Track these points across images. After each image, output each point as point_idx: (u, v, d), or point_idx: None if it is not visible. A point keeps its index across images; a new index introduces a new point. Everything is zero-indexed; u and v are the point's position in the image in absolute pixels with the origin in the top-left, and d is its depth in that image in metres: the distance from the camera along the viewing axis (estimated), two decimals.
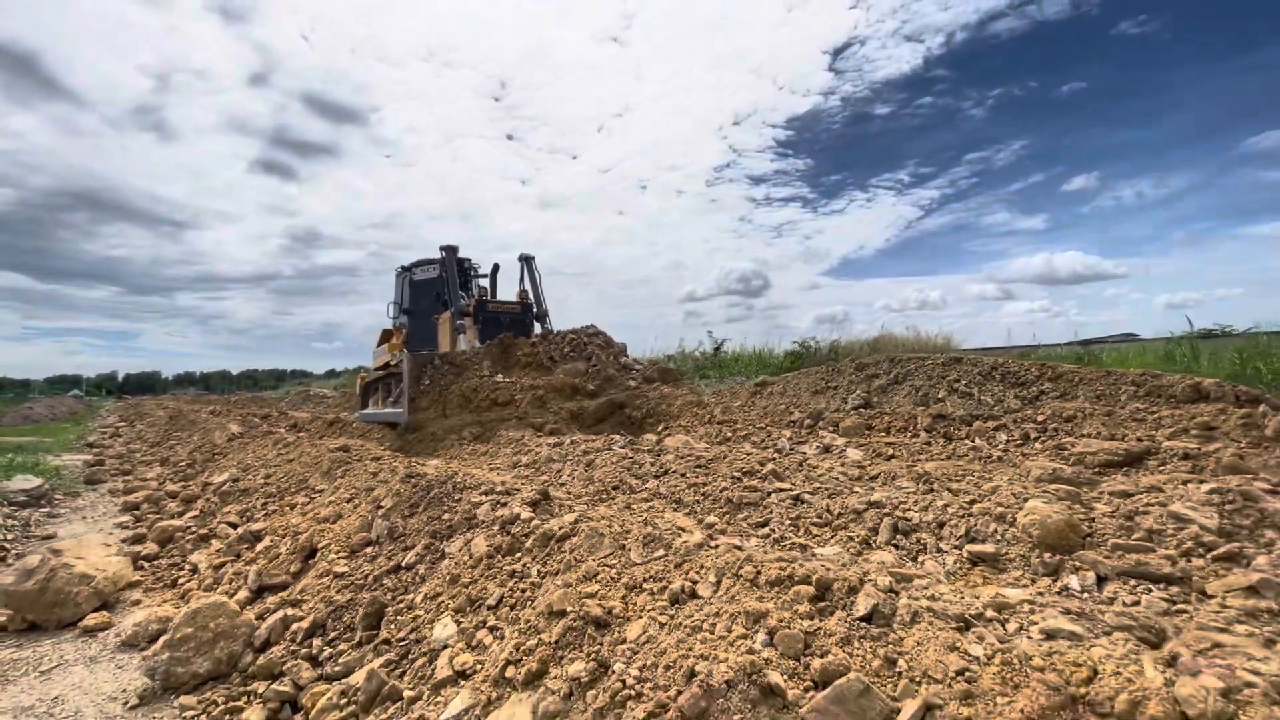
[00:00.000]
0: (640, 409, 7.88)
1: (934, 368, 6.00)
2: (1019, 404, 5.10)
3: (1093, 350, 14.95)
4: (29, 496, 7.23)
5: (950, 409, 5.15)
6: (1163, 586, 1.82)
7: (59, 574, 3.67)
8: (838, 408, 5.93)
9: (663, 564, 2.02)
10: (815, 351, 21.21)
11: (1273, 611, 1.61)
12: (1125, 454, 3.43)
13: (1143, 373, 4.99)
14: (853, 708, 1.16)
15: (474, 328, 10.49)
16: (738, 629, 1.48)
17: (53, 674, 3.00)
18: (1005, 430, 4.38)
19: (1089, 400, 4.74)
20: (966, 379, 5.63)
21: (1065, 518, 2.11)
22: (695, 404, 7.93)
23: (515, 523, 2.82)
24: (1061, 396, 4.99)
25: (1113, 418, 4.08)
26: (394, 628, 2.51)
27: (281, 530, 4.33)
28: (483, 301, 11.32)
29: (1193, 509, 2.08)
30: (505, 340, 9.54)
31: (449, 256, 11.30)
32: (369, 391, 11.09)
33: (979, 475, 2.98)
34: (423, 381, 8.50)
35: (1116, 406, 4.32)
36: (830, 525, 2.65)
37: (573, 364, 9.06)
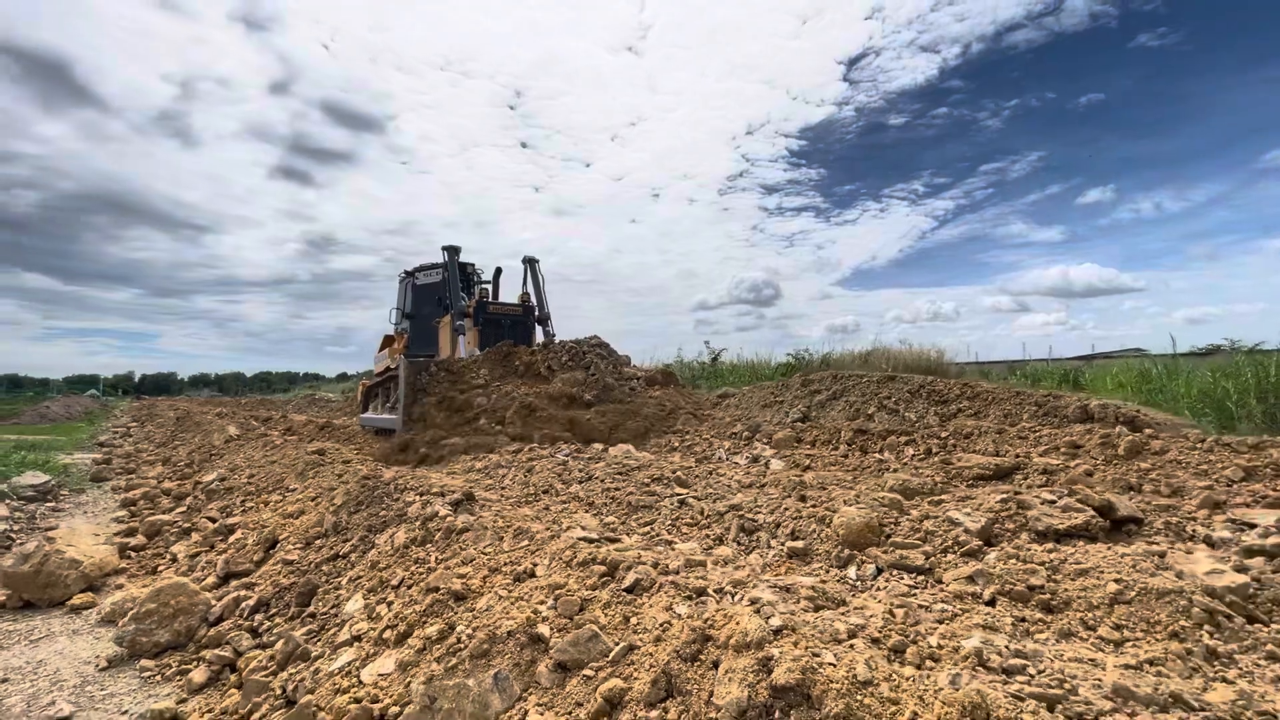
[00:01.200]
0: (637, 419, 7.83)
1: (869, 385, 6.40)
2: (937, 420, 5.49)
3: (1080, 368, 15.12)
4: (36, 492, 7.79)
5: (875, 424, 5.55)
6: (914, 575, 2.23)
7: (52, 559, 4.17)
8: (779, 420, 6.34)
9: (523, 551, 2.47)
10: (808, 363, 21.49)
11: (975, 595, 2.01)
12: (996, 469, 3.82)
13: (1047, 394, 5.37)
14: (584, 648, 1.60)
15: (474, 330, 10.35)
16: (539, 596, 1.92)
17: (40, 643, 3.48)
18: (914, 445, 4.77)
19: (996, 418, 5.12)
20: (896, 396, 6.03)
21: (866, 521, 2.53)
22: (693, 414, 8.03)
23: (433, 519, 3.27)
24: (975, 414, 5.37)
25: (1003, 435, 4.47)
26: (320, 604, 2.97)
27: (252, 524, 4.81)
28: (483, 303, 11.01)
29: (966, 515, 2.49)
30: (504, 348, 9.47)
31: (451, 257, 11.03)
32: (370, 396, 11.31)
33: (846, 485, 3.40)
34: (418, 388, 8.47)
35: (1011, 425, 4.70)
36: (698, 525, 3.08)
37: (570, 373, 9.02)
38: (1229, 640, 1.63)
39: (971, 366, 18.97)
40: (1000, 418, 5.20)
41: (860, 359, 21.65)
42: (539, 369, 9.16)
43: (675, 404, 8.52)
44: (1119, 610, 1.77)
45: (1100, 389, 12.02)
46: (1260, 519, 2.33)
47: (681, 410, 8.14)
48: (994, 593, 1.97)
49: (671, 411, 8.00)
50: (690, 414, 7.97)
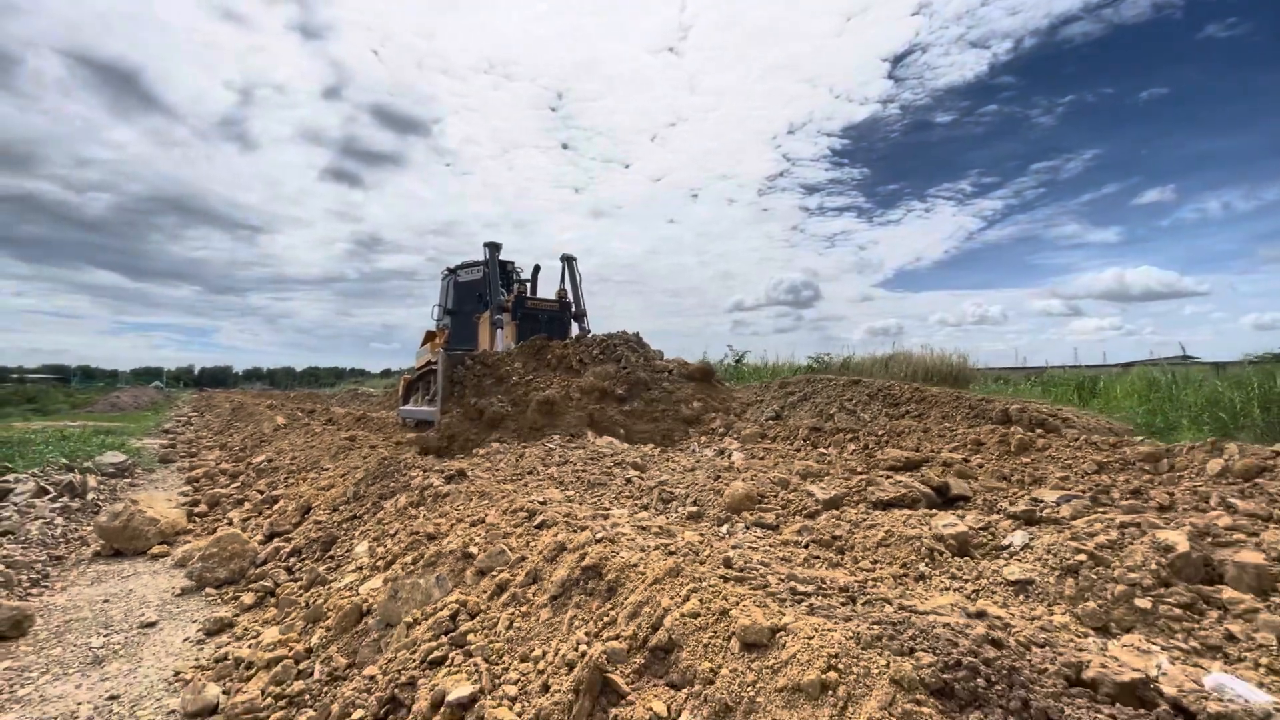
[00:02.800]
0: (667, 415, 7.85)
1: (835, 388, 7.01)
2: (887, 420, 6.10)
3: (1116, 373, 15.15)
4: (116, 469, 9.04)
5: (832, 423, 6.20)
6: (764, 530, 2.94)
7: (135, 517, 5.20)
8: (755, 418, 7.02)
9: (482, 509, 3.29)
10: (827, 366, 21.83)
11: (797, 542, 2.71)
12: (908, 461, 4.47)
13: (981, 398, 5.92)
14: (494, 559, 2.39)
15: (512, 325, 10.57)
16: (478, 532, 2.72)
17: (130, 579, 4.47)
18: (856, 440, 5.41)
19: (935, 419, 5.71)
20: (856, 398, 6.64)
21: (746, 493, 3.25)
22: (721, 410, 7.99)
23: (428, 488, 4.13)
24: (919, 415, 5.96)
25: (928, 434, 5.07)
26: (338, 550, 3.86)
27: (292, 496, 5.78)
28: (521, 298, 11.22)
29: (820, 489, 3.18)
30: (537, 342, 9.61)
31: (492, 254, 11.16)
32: (411, 390, 11.61)
33: (767, 468, 4.12)
34: (455, 381, 8.64)
35: (937, 424, 5.30)
36: (634, 497, 3.84)
37: (602, 366, 9.04)
38: (936, 567, 2.31)
39: (992, 371, 19.03)
40: (938, 418, 5.79)
41: (881, 363, 21.85)
42: (570, 362, 9.24)
43: (706, 403, 8.31)
44: (880, 550, 2.46)
45: (1112, 398, 12.24)
46: (1048, 497, 2.96)
47: (713, 409, 7.95)
48: (809, 540, 2.67)
49: (700, 414, 7.79)
50: (720, 412, 7.80)
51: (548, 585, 2.07)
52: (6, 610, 3.43)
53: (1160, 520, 2.52)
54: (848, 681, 1.19)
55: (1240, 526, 2.41)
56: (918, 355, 22.11)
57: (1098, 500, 3.05)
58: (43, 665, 3.08)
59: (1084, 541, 2.26)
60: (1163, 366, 15.01)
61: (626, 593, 1.83)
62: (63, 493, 7.01)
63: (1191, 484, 3.27)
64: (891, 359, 21.78)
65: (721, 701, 1.30)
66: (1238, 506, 2.74)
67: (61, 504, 6.60)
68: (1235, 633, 1.71)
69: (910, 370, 19.77)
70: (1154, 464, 3.62)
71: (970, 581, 2.19)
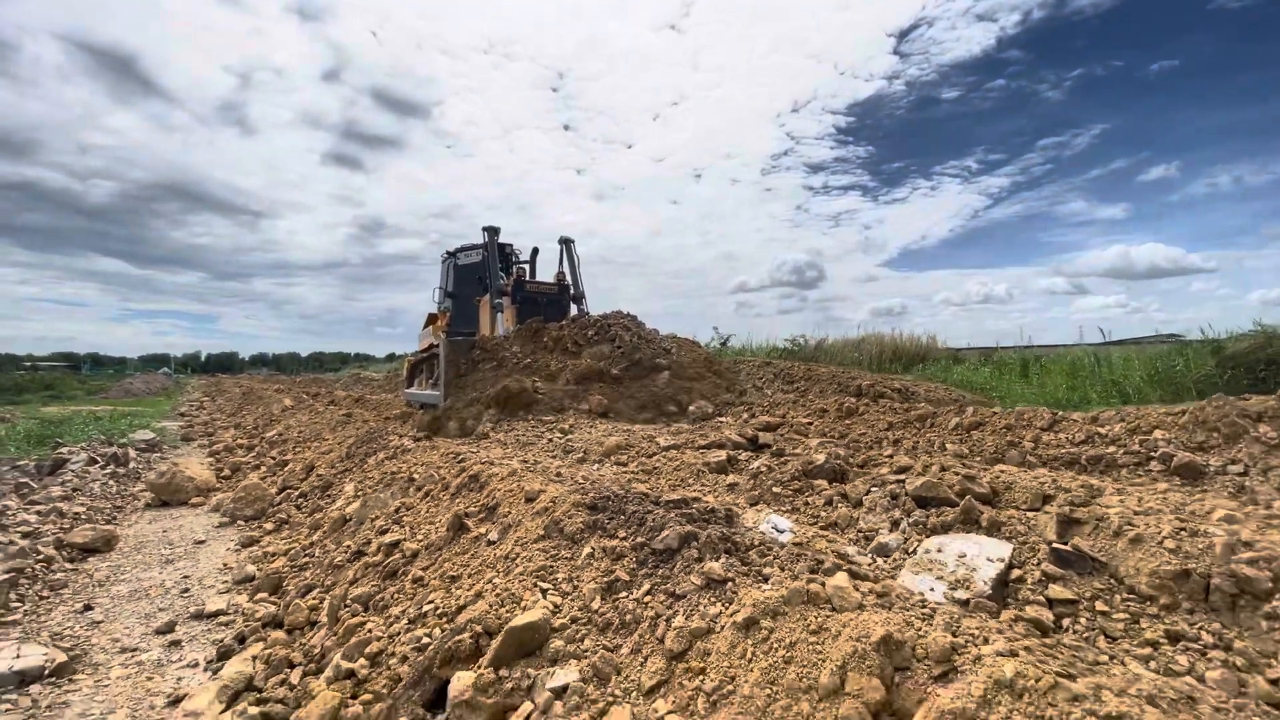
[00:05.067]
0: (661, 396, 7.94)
1: (751, 368, 8.39)
2: (781, 394, 7.48)
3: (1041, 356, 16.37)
4: (147, 445, 10.51)
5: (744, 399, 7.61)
6: (620, 466, 4.33)
7: (178, 476, 6.64)
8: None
9: (433, 457, 4.70)
10: (802, 348, 23.05)
11: (632, 471, 4.10)
12: (767, 425, 5.86)
13: (849, 375, 7.28)
14: (430, 480, 3.80)
15: (511, 308, 10.67)
16: (420, 467, 4.12)
17: (179, 519, 5.91)
18: (748, 410, 6.80)
19: (815, 394, 7.09)
20: (764, 377, 8.01)
21: (616, 443, 4.64)
22: (715, 391, 8.13)
23: (401, 448, 5.54)
24: (804, 391, 7.33)
25: (796, 405, 6.43)
26: (333, 490, 5.28)
27: (299, 459, 7.22)
28: (520, 282, 11.34)
29: (665, 439, 4.57)
30: (534, 325, 9.73)
31: (490, 238, 11.30)
32: (414, 373, 11.51)
33: (651, 433, 5.51)
34: (459, 366, 8.73)
35: (816, 399, 6.67)
36: (551, 452, 5.24)
37: (598, 347, 9.03)
38: (698, 479, 3.70)
39: (974, 350, 20.15)
40: (817, 393, 7.16)
41: (853, 345, 23.03)
42: (567, 344, 9.25)
43: (698, 384, 8.27)
44: (674, 472, 3.86)
45: (1047, 376, 13.49)
46: (812, 443, 4.34)
47: (705, 392, 7.95)
48: (636, 467, 4.07)
49: (692, 395, 7.78)
50: (712, 394, 7.88)
51: (450, 488, 3.47)
52: (101, 531, 4.87)
53: (881, 454, 3.90)
54: (558, 505, 2.58)
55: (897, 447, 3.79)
56: (888, 338, 23.28)
57: (852, 445, 4.44)
58: (131, 565, 4.52)
59: (781, 460, 3.65)
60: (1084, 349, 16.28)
61: (489, 488, 3.22)
62: (109, 462, 8.47)
63: (932, 434, 4.65)
64: (863, 341, 22.97)
65: (507, 523, 2.70)
66: (912, 444, 4.12)
67: (110, 470, 8.06)
68: (814, 502, 3.09)
69: (879, 351, 21.04)
70: (922, 421, 4.99)
71: (709, 485, 3.58)
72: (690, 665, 1.66)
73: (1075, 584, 2.15)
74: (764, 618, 1.65)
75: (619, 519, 2.44)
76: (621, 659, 1.79)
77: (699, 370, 8.84)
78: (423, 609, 2.43)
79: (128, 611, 3.63)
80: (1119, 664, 1.80)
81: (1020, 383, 13.49)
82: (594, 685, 1.73)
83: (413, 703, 1.99)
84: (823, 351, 22.17)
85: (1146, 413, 3.95)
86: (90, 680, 2.81)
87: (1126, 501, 2.52)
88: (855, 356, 20.68)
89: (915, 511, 2.78)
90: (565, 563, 2.29)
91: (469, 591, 2.37)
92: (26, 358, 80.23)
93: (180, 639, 3.23)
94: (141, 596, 3.89)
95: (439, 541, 2.93)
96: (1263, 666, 1.74)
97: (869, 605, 1.70)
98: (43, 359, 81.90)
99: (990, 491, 2.88)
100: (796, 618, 1.63)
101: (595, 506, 2.54)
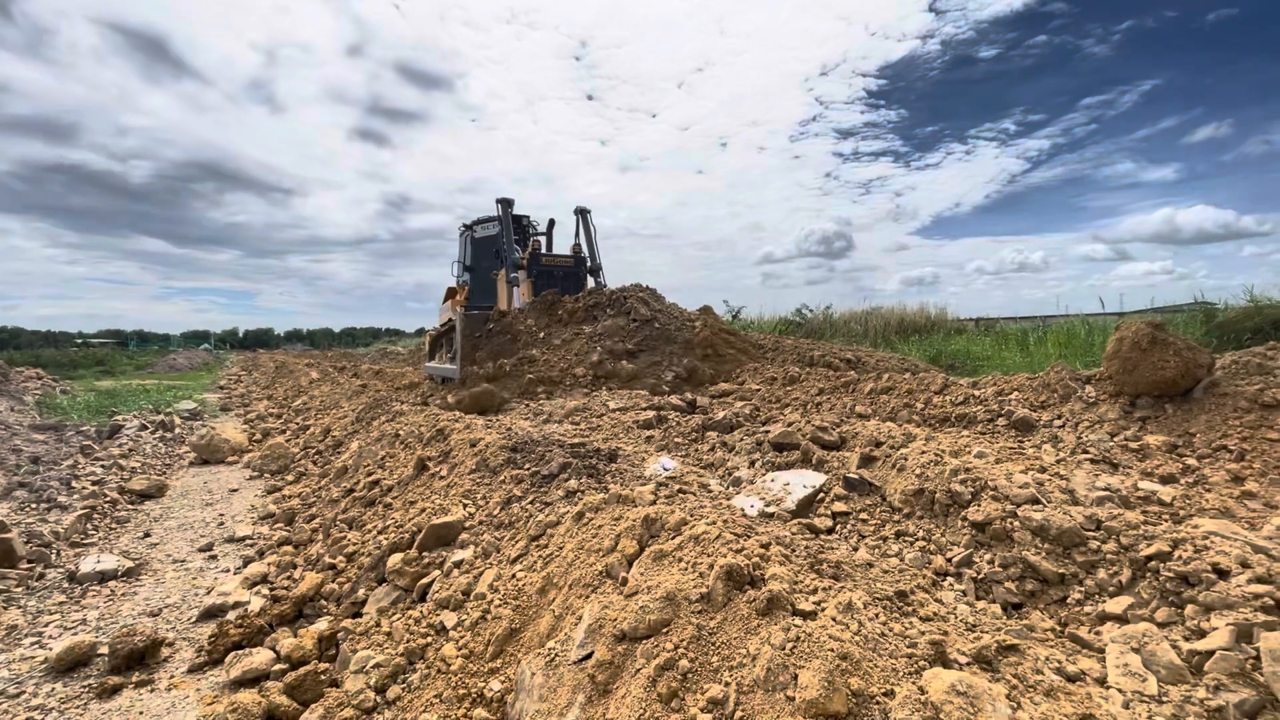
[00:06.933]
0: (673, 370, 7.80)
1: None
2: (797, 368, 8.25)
3: (1040, 327, 16.67)
4: (189, 414, 11.69)
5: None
6: (580, 425, 5.14)
7: (216, 438, 7.68)
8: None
9: (423, 420, 5.57)
10: (808, 321, 23.45)
11: (579, 426, 4.90)
12: (723, 391, 6.60)
13: (810, 345, 7.94)
14: (409, 433, 4.66)
15: (528, 281, 10.63)
16: (406, 426, 4.99)
17: (217, 474, 6.94)
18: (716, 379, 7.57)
19: (778, 363, 7.81)
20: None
21: (575, 406, 5.47)
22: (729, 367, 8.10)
23: (400, 412, 6.45)
24: (769, 361, 8.07)
25: (754, 372, 7.13)
26: (342, 448, 6.22)
27: (319, 424, 8.21)
28: (536, 255, 11.25)
29: (617, 403, 5.36)
30: (549, 297, 9.69)
31: (505, 210, 11.13)
32: (436, 346, 11.61)
33: (606, 399, 6.32)
34: (476, 339, 8.79)
35: (775, 367, 7.41)
36: (524, 415, 6.10)
37: (612, 320, 8.93)
38: (627, 433, 4.49)
39: (983, 323, 20.44)
40: (779, 362, 7.85)
41: (860, 317, 23.38)
42: (580, 317, 9.25)
43: (716, 361, 8.13)
44: (612, 428, 4.65)
45: (1043, 347, 13.89)
46: (738, 405, 5.07)
47: (722, 370, 7.79)
48: (585, 425, 4.89)
49: (705, 371, 7.64)
50: (728, 370, 7.74)
51: (423, 440, 4.34)
52: (154, 481, 5.89)
53: (778, 413, 4.63)
54: (489, 448, 3.40)
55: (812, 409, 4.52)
56: (897, 310, 23.52)
57: (770, 406, 5.17)
58: (179, 507, 5.52)
59: (692, 417, 4.42)
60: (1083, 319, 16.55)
61: (449, 438, 4.06)
62: (158, 429, 9.62)
63: (849, 398, 5.36)
64: (870, 313, 23.29)
65: (454, 462, 3.53)
66: (834, 404, 4.84)
67: (159, 435, 9.19)
68: (702, 449, 3.85)
69: (884, 323, 21.45)
70: (846, 387, 5.68)
71: (634, 438, 4.37)
72: (540, 542, 2.46)
73: (853, 501, 2.89)
74: (589, 512, 2.44)
75: (530, 456, 3.25)
76: (502, 543, 2.61)
77: (719, 344, 8.64)
78: (386, 524, 3.29)
79: (177, 538, 4.60)
80: (850, 547, 2.56)
81: (1018, 353, 13.95)
82: (481, 559, 2.56)
83: (369, 579, 2.84)
84: (829, 324, 22.56)
85: (1014, 378, 4.59)
86: (151, 580, 3.76)
87: (927, 445, 3.23)
88: (860, 329, 21.11)
89: (770, 454, 3.52)
90: (485, 486, 3.12)
91: (418, 509, 3.22)
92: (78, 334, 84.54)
93: (217, 555, 4.17)
94: (188, 528, 4.86)
95: (406, 479, 3.79)
96: (945, 550, 2.47)
97: (679, 510, 2.48)
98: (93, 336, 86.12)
99: (839, 439, 3.60)
100: (608, 511, 2.41)
101: (515, 448, 3.35)
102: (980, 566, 2.32)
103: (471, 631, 2.13)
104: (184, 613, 3.25)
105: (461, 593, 2.37)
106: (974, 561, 2.35)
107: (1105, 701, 1.50)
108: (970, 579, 2.29)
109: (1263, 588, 1.74)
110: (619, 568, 2.01)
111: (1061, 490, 2.57)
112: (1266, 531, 2.27)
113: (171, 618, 3.21)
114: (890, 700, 1.36)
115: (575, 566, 2.20)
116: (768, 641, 1.50)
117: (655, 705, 1.50)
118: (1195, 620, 1.76)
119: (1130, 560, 2.08)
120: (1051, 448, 3.53)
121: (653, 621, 1.67)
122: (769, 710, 1.38)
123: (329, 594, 2.91)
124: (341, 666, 2.24)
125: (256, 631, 2.64)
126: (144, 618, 3.20)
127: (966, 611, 1.98)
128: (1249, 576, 1.82)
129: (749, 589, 1.69)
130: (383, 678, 2.05)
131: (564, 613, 2.00)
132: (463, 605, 2.31)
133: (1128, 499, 2.60)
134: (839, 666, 1.40)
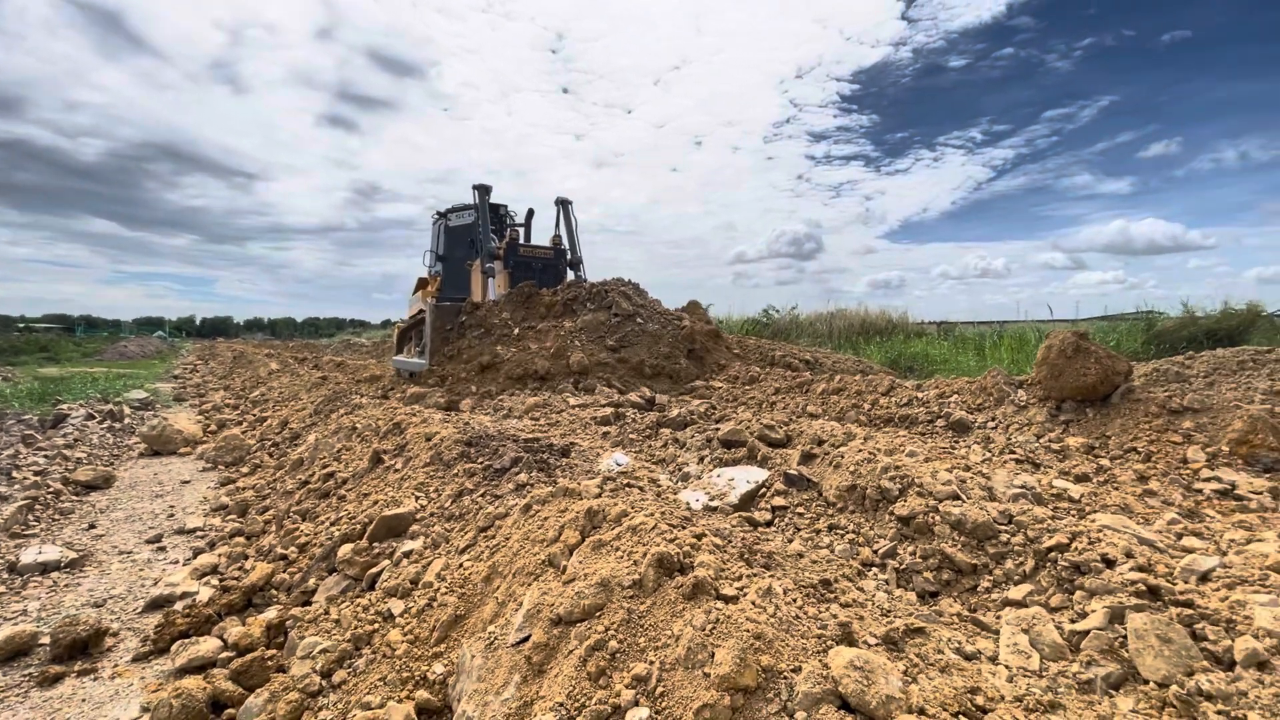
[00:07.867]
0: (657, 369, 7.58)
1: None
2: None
3: (998, 331, 17.36)
4: (140, 404, 11.36)
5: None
6: (534, 420, 5.22)
7: (168, 429, 7.51)
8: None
9: (378, 412, 5.57)
10: (774, 321, 23.79)
11: (539, 422, 4.98)
12: (692, 388, 6.74)
13: (772, 346, 8.16)
14: (365, 426, 4.68)
15: (504, 273, 10.25)
16: (363, 419, 5.00)
17: (168, 465, 6.80)
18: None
19: (740, 363, 8.03)
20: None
21: (535, 403, 5.55)
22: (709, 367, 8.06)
23: (358, 405, 6.42)
24: (737, 360, 8.30)
25: (720, 372, 7.31)
26: (299, 439, 6.17)
27: (276, 416, 8.10)
28: (514, 245, 10.81)
29: (576, 400, 5.45)
30: (526, 289, 9.29)
31: (481, 197, 10.61)
32: (404, 339, 11.27)
33: (567, 395, 6.39)
34: (447, 332, 8.48)
35: (733, 366, 7.61)
36: (486, 411, 6.15)
37: (593, 315, 8.58)
38: (585, 429, 4.59)
39: (944, 326, 21.08)
40: (743, 364, 8.06)
41: (825, 319, 23.82)
42: (559, 311, 8.94)
43: (700, 359, 7.93)
44: (570, 424, 4.74)
45: (997, 352, 14.39)
46: (695, 403, 5.22)
47: (708, 368, 7.67)
48: (544, 421, 4.97)
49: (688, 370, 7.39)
50: (707, 372, 7.56)
51: (380, 433, 4.36)
52: (101, 471, 5.76)
53: (732, 411, 4.78)
54: (444, 442, 3.46)
55: (765, 408, 4.67)
56: (860, 312, 24.04)
57: (726, 404, 5.32)
58: (127, 498, 5.41)
59: (649, 414, 4.54)
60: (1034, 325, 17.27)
61: (405, 432, 4.10)
62: (106, 418, 9.34)
63: (802, 398, 5.54)
64: (835, 315, 23.76)
65: (409, 455, 3.58)
66: (787, 403, 5.01)
67: (108, 425, 8.93)
68: (655, 445, 3.98)
69: (847, 325, 21.92)
70: (800, 388, 5.88)
71: (591, 434, 4.47)
72: (488, 533, 2.54)
73: (792, 496, 3.04)
74: (536, 504, 2.53)
75: (484, 450, 3.32)
76: (452, 534, 2.68)
77: (703, 341, 8.47)
78: (339, 515, 3.32)
79: (124, 529, 4.53)
80: (785, 539, 2.70)
81: (973, 357, 14.48)
82: (430, 550, 2.63)
83: (320, 569, 2.88)
84: (795, 325, 22.95)
85: (954, 381, 4.83)
86: (96, 571, 3.71)
87: (864, 444, 3.40)
88: (825, 330, 21.54)
89: (719, 450, 3.66)
90: (438, 479, 3.18)
91: (371, 501, 3.26)
92: (20, 319, 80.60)
93: (165, 546, 4.13)
94: (135, 520, 4.78)
95: (361, 471, 3.82)
96: (873, 542, 2.64)
97: (621, 503, 2.58)
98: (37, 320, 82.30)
99: (785, 437, 3.76)
100: (555, 504, 2.51)
101: (469, 443, 3.42)
102: (903, 558, 2.49)
103: (418, 618, 2.21)
104: (129, 604, 3.24)
105: (409, 581, 2.43)
106: (898, 553, 2.51)
107: (993, 676, 1.66)
108: (893, 569, 2.45)
109: (1140, 575, 1.93)
110: (561, 557, 2.11)
111: (981, 488, 2.76)
112: (1157, 526, 2.49)
113: (116, 608, 3.19)
114: (796, 675, 1.49)
115: (520, 556, 2.29)
116: (690, 623, 1.62)
117: (584, 683, 1.60)
118: (1081, 605, 1.94)
119: (1034, 552, 2.26)
120: (981, 448, 3.75)
121: (587, 606, 1.78)
122: (687, 685, 1.50)
123: (280, 584, 2.93)
124: (289, 653, 2.29)
125: (204, 621, 2.66)
126: (87, 608, 3.17)
127: (884, 599, 2.14)
128: (1131, 565, 2.01)
129: (678, 575, 1.81)
130: (329, 662, 2.11)
131: (507, 600, 2.09)
132: (410, 593, 2.38)
133: (1041, 496, 2.80)
134: (752, 645, 1.52)
